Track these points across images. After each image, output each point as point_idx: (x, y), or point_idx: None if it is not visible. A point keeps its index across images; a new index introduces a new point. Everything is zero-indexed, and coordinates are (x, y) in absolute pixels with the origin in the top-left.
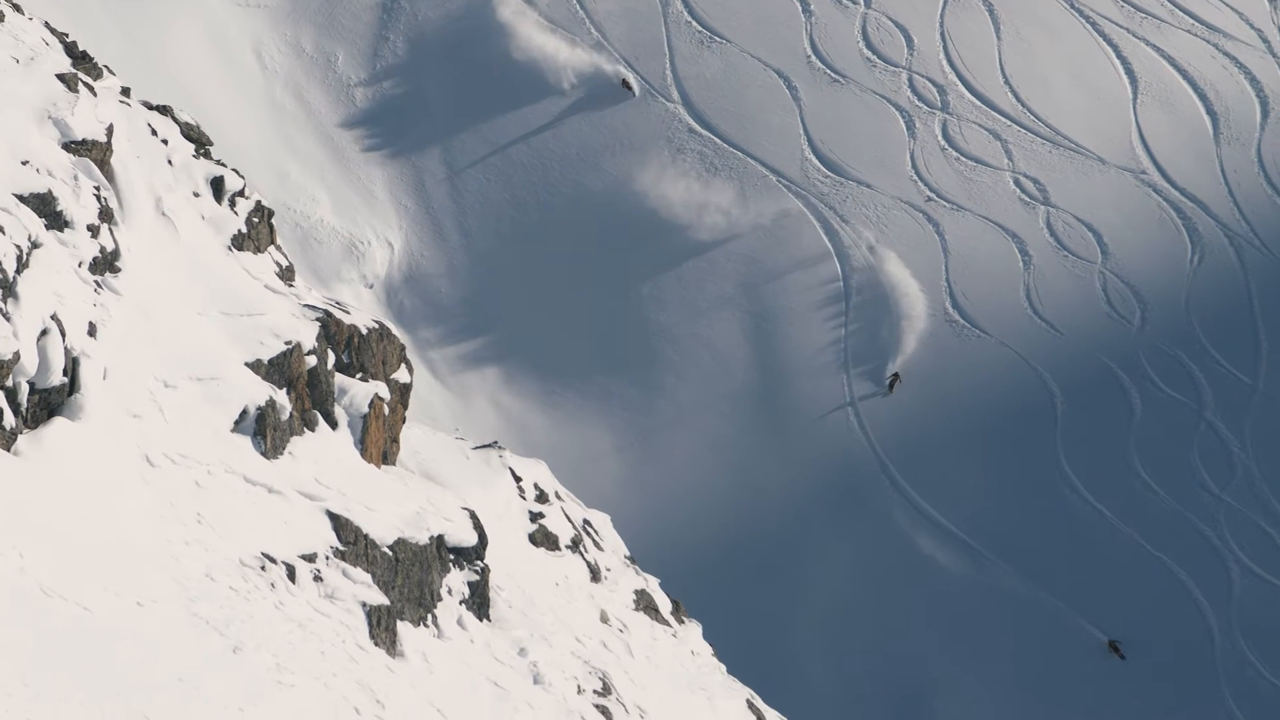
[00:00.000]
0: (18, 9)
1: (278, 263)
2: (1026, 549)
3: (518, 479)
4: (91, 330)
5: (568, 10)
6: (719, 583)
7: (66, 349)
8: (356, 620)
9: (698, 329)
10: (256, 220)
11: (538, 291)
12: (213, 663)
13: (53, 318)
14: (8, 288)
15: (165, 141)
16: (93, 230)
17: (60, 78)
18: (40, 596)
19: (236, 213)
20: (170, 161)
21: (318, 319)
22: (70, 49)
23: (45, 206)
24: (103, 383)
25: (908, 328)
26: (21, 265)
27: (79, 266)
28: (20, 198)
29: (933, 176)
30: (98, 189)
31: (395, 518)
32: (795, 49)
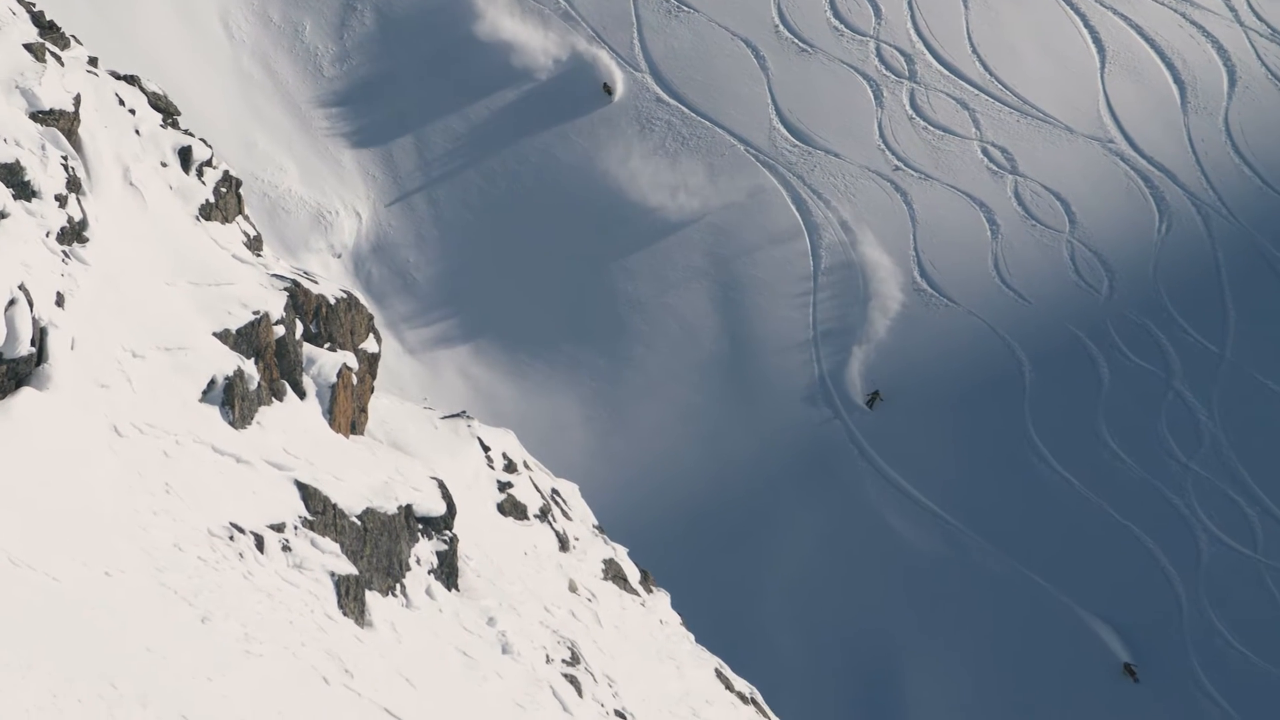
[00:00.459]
0: None
1: (245, 232)
2: (994, 518)
3: (486, 448)
4: (59, 300)
5: None
6: (687, 552)
7: (34, 319)
8: (325, 590)
9: (667, 299)
10: (224, 190)
11: (506, 262)
12: (181, 632)
13: (20, 288)
14: None
15: (133, 111)
16: (60, 200)
17: (27, 47)
18: (8, 566)
19: (204, 182)
20: (138, 131)
21: (285, 289)
22: (37, 19)
23: (12, 176)
24: (70, 353)
25: (876, 304)
26: None
27: (46, 236)
28: None
29: (900, 146)
30: (65, 159)
31: (363, 487)
32: (763, 18)
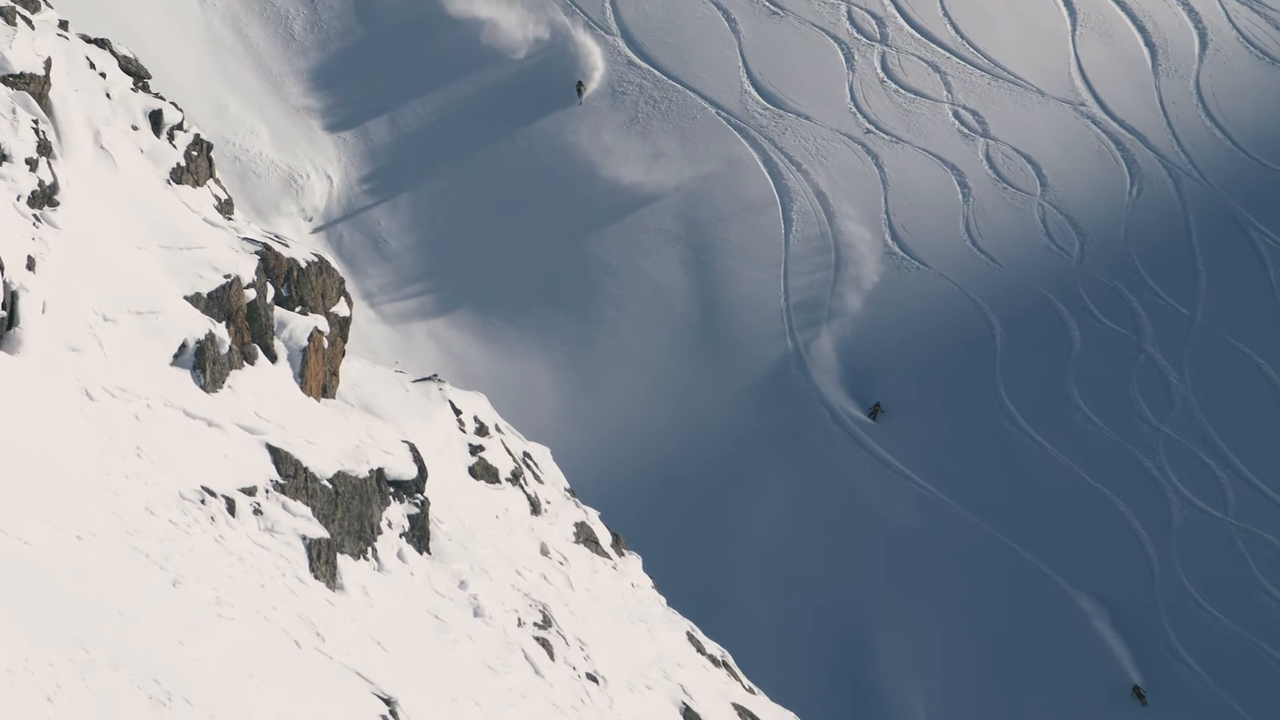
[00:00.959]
0: None
1: (216, 196)
2: (966, 481)
3: (457, 412)
4: (30, 264)
5: None
6: (659, 515)
7: (5, 283)
8: (296, 553)
9: (639, 263)
10: (195, 154)
11: (477, 225)
12: (153, 596)
13: None
14: None
15: (103, 75)
16: (31, 164)
17: None
18: None
19: (175, 146)
20: (108, 95)
21: (257, 252)
22: None
23: None
24: (42, 316)
25: (847, 268)
26: None
27: (17, 200)
28: None
29: (872, 109)
30: (36, 123)
31: (335, 451)
32: None
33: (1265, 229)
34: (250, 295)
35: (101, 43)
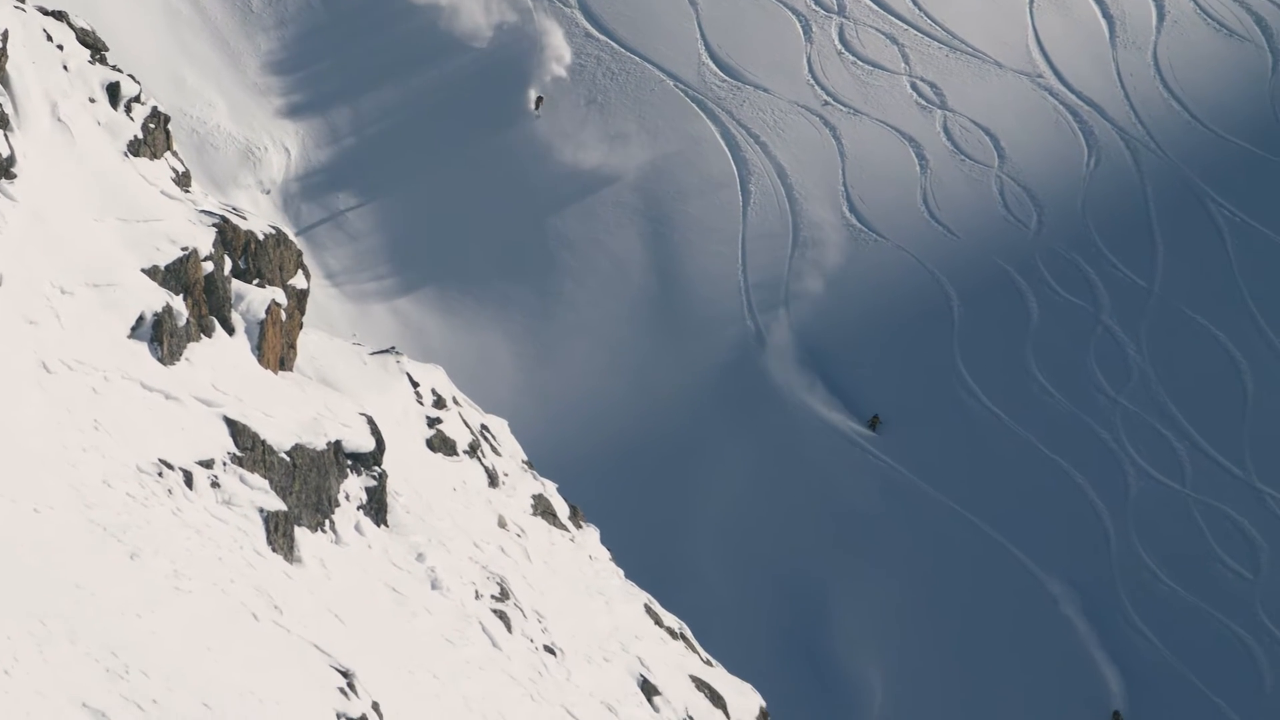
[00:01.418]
0: None
1: (174, 169)
2: (923, 453)
3: (415, 384)
4: None
5: None
6: (617, 488)
7: None
8: (254, 526)
9: (597, 235)
10: (152, 126)
11: (436, 198)
12: (110, 569)
13: None
14: None
15: (60, 47)
16: None
17: None
18: None
19: (132, 118)
20: (66, 67)
21: (214, 225)
22: None
23: None
24: None
25: (804, 240)
26: None
27: None
28: None
29: (829, 81)
30: None
31: (292, 423)
32: None
33: (1223, 201)
34: (208, 268)
35: (59, 15)
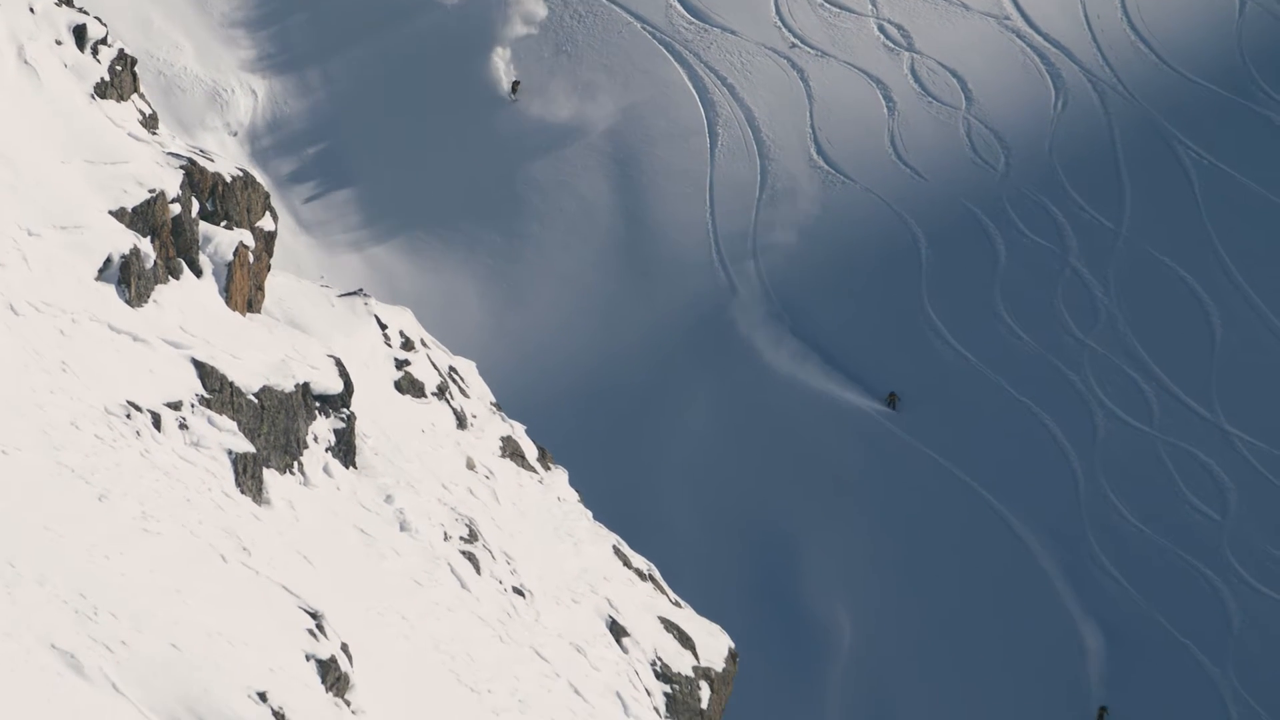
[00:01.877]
0: None
1: (141, 111)
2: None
3: (383, 326)
4: None
5: None
6: (586, 429)
7: None
8: (222, 468)
9: (563, 177)
10: (119, 68)
11: (403, 139)
12: (79, 511)
13: None
14: None
15: None
16: None
17: None
18: None
19: (99, 61)
20: (32, 9)
21: (181, 167)
22: None
23: None
24: None
25: (772, 182)
26: None
27: None
28: None
29: (797, 23)
30: None
31: (261, 365)
32: None
33: (1190, 142)
34: (175, 210)
35: None
